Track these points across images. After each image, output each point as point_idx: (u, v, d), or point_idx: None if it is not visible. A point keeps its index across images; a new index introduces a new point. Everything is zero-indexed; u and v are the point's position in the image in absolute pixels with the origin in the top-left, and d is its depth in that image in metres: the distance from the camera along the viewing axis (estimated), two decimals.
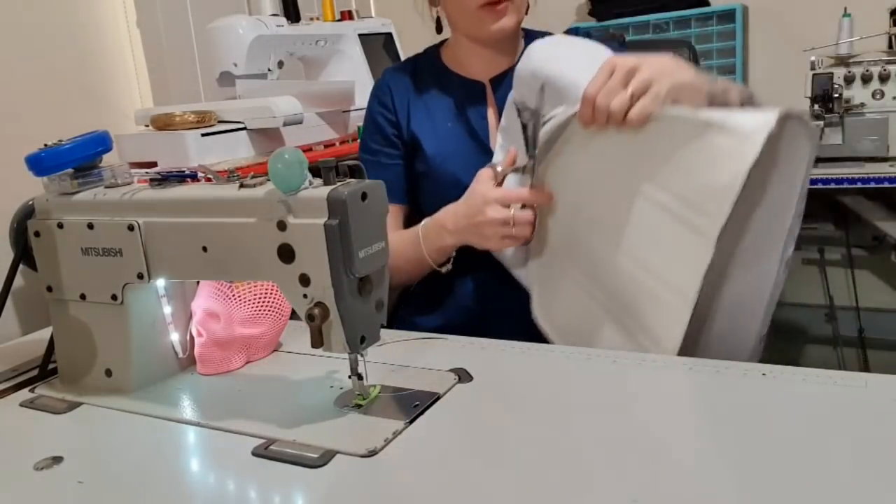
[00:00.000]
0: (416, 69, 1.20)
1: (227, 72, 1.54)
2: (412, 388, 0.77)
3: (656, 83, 0.83)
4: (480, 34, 1.11)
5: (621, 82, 0.84)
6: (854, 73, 1.84)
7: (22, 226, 0.87)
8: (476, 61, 1.15)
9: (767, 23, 2.29)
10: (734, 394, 0.73)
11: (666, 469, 0.59)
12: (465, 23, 1.11)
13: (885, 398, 0.68)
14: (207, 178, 0.79)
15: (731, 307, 0.87)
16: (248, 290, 0.87)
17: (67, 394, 0.84)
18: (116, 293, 0.81)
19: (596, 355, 0.84)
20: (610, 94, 0.84)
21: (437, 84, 1.17)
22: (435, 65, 1.19)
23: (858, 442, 0.61)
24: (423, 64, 1.20)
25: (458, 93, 1.15)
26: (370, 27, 1.82)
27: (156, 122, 1.35)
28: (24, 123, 1.29)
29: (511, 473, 0.61)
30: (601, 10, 2.37)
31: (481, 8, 1.06)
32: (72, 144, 0.82)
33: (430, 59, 1.21)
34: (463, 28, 1.13)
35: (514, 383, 0.80)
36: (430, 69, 1.19)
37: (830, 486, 0.55)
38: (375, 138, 1.18)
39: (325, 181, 0.69)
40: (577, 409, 0.72)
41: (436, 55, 1.21)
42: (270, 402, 0.79)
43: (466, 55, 1.16)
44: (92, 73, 1.49)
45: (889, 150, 1.81)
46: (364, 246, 0.68)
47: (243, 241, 0.72)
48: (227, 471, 0.66)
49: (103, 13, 1.53)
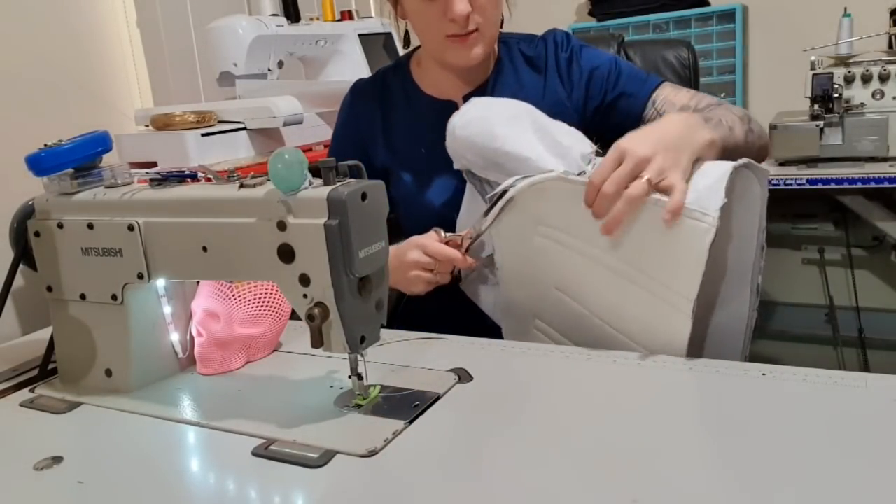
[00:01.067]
0: (386, 89, 1.16)
1: (227, 72, 1.55)
2: (412, 388, 0.77)
3: (670, 172, 0.81)
4: (446, 62, 1.08)
5: (630, 174, 0.81)
6: (854, 73, 1.84)
7: (22, 226, 0.87)
8: (446, 80, 1.12)
9: (767, 23, 2.29)
10: (734, 394, 0.73)
11: (666, 469, 0.59)
12: (431, 48, 1.08)
13: (885, 398, 0.68)
14: (207, 178, 0.79)
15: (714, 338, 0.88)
16: (248, 290, 0.87)
17: (67, 394, 0.84)
18: (116, 293, 0.81)
19: (596, 355, 0.84)
20: (616, 185, 0.81)
21: (407, 106, 1.14)
22: (405, 85, 1.15)
23: (858, 442, 0.61)
24: (393, 83, 1.16)
25: (430, 116, 1.10)
26: (370, 27, 1.82)
27: (156, 122, 1.35)
28: (24, 123, 1.29)
29: (511, 473, 0.61)
30: (601, 10, 2.37)
31: (448, 38, 1.03)
32: (72, 144, 0.82)
33: (401, 76, 1.16)
34: (430, 52, 1.10)
35: (514, 383, 0.80)
36: (400, 90, 1.15)
37: (831, 486, 0.55)
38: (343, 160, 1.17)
39: (325, 181, 0.69)
40: (576, 409, 0.72)
41: (406, 71, 1.16)
42: (270, 402, 0.79)
43: (436, 73, 1.12)
44: (92, 73, 1.49)
45: (889, 150, 1.81)
46: (364, 246, 0.68)
47: (243, 241, 0.72)
48: (227, 471, 0.66)
49: (103, 13, 1.53)
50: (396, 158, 1.13)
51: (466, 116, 0.97)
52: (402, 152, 1.13)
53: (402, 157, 1.13)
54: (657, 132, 0.86)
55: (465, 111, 0.98)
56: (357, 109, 1.16)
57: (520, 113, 0.96)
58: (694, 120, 0.90)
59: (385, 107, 1.15)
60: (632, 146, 0.83)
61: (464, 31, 1.02)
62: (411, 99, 1.15)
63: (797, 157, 1.86)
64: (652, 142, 0.83)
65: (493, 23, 1.05)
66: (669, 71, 1.43)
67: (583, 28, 2.39)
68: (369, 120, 1.15)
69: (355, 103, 1.17)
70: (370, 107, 1.15)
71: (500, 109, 0.98)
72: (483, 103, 1.00)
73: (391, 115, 1.15)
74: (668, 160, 0.82)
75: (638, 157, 0.82)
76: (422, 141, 1.11)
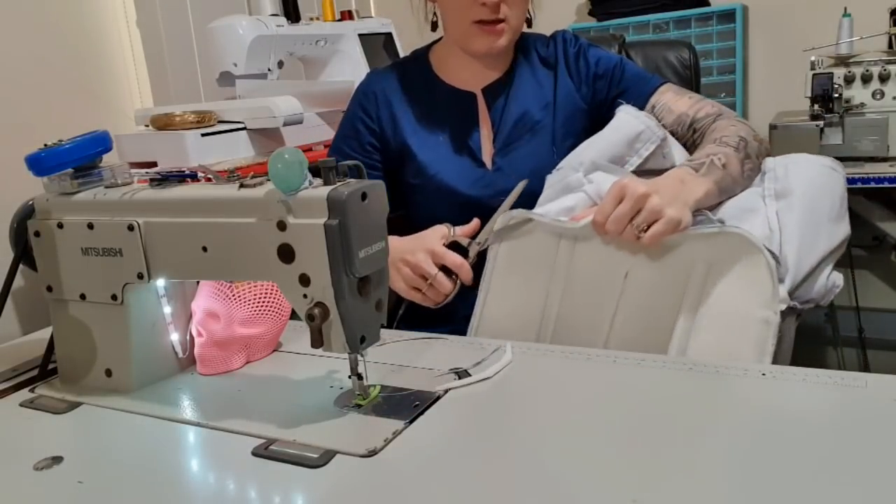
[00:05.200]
0: (405, 77, 1.17)
1: (227, 72, 1.54)
2: (412, 388, 0.77)
3: (669, 208, 0.84)
4: (470, 48, 1.09)
5: (630, 211, 0.85)
6: (854, 73, 1.84)
7: (22, 226, 0.87)
8: (467, 70, 1.13)
9: (767, 23, 2.29)
10: (734, 394, 0.73)
11: (666, 469, 0.59)
12: (457, 33, 1.10)
13: (885, 398, 0.68)
14: (207, 178, 0.79)
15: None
16: (248, 290, 0.87)
17: (67, 394, 0.84)
18: (116, 293, 0.81)
19: (596, 355, 0.84)
20: (618, 223, 0.85)
21: (426, 95, 1.15)
22: (424, 73, 1.17)
23: (858, 442, 0.61)
24: (412, 72, 1.17)
25: (450, 105, 1.13)
26: (370, 27, 1.82)
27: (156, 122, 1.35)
28: (24, 123, 1.29)
29: (511, 473, 0.61)
30: (601, 10, 2.37)
31: (476, 23, 1.04)
32: (72, 144, 0.82)
33: (420, 65, 1.18)
34: (454, 37, 1.11)
35: (514, 383, 0.80)
36: (419, 78, 1.16)
37: (831, 487, 0.55)
38: (351, 143, 1.16)
39: (325, 181, 0.69)
40: (576, 408, 0.72)
41: (425, 61, 1.18)
42: (270, 402, 0.79)
43: (457, 63, 1.14)
44: (92, 73, 1.49)
45: (889, 150, 1.81)
46: (364, 246, 0.68)
47: (243, 241, 0.72)
48: (227, 471, 0.66)
49: (103, 13, 1.53)
50: (414, 142, 1.13)
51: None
52: (420, 137, 1.13)
53: (419, 141, 1.13)
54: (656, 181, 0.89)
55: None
56: (375, 90, 1.16)
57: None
58: (685, 174, 0.91)
59: (404, 90, 1.16)
60: (632, 185, 0.86)
61: (492, 18, 1.03)
62: (431, 88, 1.16)
63: None
64: (651, 186, 0.86)
65: (519, 17, 1.07)
66: (670, 71, 1.44)
67: (583, 28, 2.38)
68: (388, 102, 1.15)
69: (373, 86, 1.17)
70: (390, 91, 1.16)
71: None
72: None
73: (410, 100, 1.15)
74: (666, 201, 0.85)
75: (637, 193, 0.84)
76: (442, 128, 1.13)
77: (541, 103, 1.13)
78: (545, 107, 1.13)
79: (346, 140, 1.17)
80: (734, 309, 0.82)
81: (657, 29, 2.28)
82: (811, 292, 0.87)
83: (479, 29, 1.05)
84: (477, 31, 1.05)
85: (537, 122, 1.12)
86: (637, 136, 1.00)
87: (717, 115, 1.05)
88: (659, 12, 2.27)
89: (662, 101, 1.09)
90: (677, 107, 1.08)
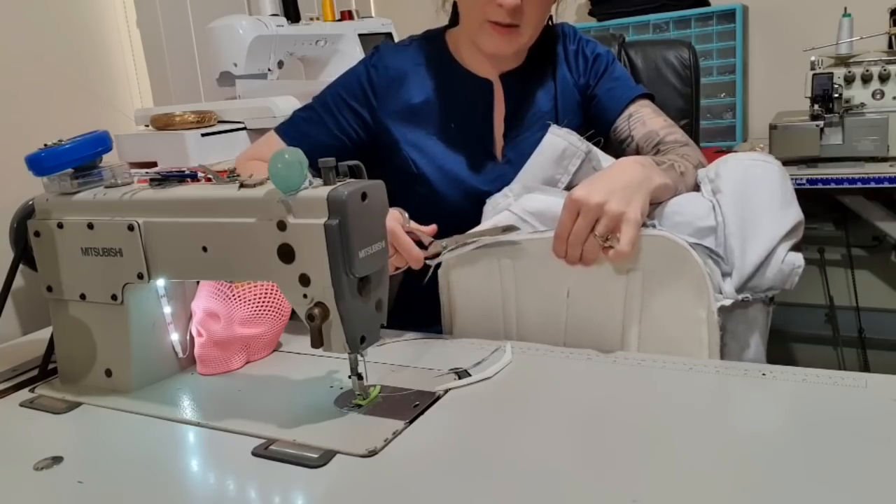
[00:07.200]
0: (421, 56, 1.14)
1: (227, 72, 1.54)
2: (412, 388, 0.77)
3: (627, 208, 0.82)
4: (479, 45, 1.07)
5: (589, 225, 0.83)
6: (854, 73, 1.84)
7: (22, 226, 0.87)
8: (483, 59, 1.12)
9: (767, 23, 2.29)
10: (734, 394, 0.73)
11: (666, 469, 0.59)
12: (471, 27, 1.08)
13: (885, 398, 0.68)
14: (207, 178, 0.79)
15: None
16: (248, 290, 0.87)
17: (67, 394, 0.84)
18: (116, 293, 0.81)
19: (596, 355, 0.84)
20: (579, 240, 0.83)
21: (442, 78, 1.12)
22: (441, 55, 1.14)
23: (858, 442, 0.61)
24: (429, 52, 1.14)
25: (466, 90, 1.11)
26: (370, 27, 1.82)
27: (156, 122, 1.35)
28: (24, 123, 1.29)
29: (511, 473, 0.61)
30: (601, 10, 2.37)
31: (490, 22, 1.03)
32: (72, 144, 0.82)
33: (436, 46, 1.15)
34: (467, 30, 1.10)
35: (514, 383, 0.80)
36: (436, 59, 1.14)
37: (831, 486, 0.55)
38: (339, 102, 1.11)
39: (325, 181, 0.69)
40: (576, 409, 0.72)
41: (441, 42, 1.15)
42: (270, 402, 0.79)
43: (473, 52, 1.12)
44: (92, 73, 1.49)
45: (889, 150, 1.81)
46: (364, 246, 0.68)
47: (243, 241, 0.72)
48: (227, 471, 0.66)
49: (103, 13, 1.53)
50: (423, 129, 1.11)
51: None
52: (431, 124, 1.11)
53: (430, 127, 1.11)
54: (608, 179, 0.86)
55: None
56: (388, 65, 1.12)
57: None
58: (647, 162, 0.90)
59: (419, 71, 1.13)
60: (585, 196, 0.83)
61: (506, 22, 1.02)
62: (447, 69, 1.13)
63: (797, 157, 1.86)
64: (605, 190, 0.84)
65: (534, 26, 1.06)
66: (670, 71, 1.43)
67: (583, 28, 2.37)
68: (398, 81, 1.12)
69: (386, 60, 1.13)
70: (403, 70, 1.12)
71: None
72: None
73: (425, 82, 1.13)
74: (622, 203, 0.83)
75: (592, 205, 0.82)
76: (453, 115, 1.11)
77: (548, 95, 1.13)
78: (551, 99, 1.13)
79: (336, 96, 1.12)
80: (672, 311, 0.83)
81: (657, 29, 2.28)
82: (767, 280, 0.86)
83: (493, 28, 1.03)
84: (490, 30, 1.04)
85: (545, 114, 1.12)
86: (562, 153, 1.00)
87: (685, 144, 1.05)
88: (659, 12, 2.27)
89: (640, 112, 1.09)
90: (651, 123, 1.08)
